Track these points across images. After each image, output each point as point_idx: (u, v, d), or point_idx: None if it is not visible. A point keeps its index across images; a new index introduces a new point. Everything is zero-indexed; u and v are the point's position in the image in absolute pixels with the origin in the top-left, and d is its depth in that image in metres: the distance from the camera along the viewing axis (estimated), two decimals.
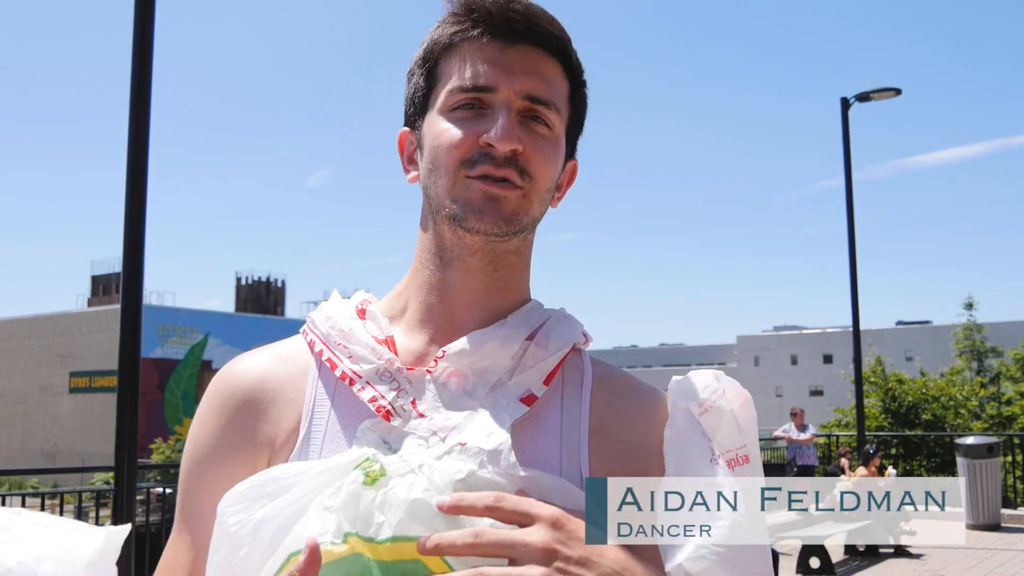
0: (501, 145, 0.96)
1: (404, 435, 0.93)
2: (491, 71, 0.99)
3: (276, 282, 48.28)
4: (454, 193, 0.98)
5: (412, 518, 0.83)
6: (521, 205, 0.99)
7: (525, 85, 0.99)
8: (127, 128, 5.41)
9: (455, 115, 0.99)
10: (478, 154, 0.97)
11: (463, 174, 0.98)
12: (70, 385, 37.51)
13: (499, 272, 1.02)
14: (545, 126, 1.00)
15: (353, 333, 1.01)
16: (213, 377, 1.07)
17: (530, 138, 0.99)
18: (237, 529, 0.87)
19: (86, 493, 10.36)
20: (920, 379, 19.67)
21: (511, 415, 0.94)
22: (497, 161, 0.97)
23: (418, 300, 1.04)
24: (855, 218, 13.10)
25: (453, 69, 1.01)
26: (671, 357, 78.23)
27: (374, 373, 0.97)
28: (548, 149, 1.01)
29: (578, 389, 1.02)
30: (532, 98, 0.99)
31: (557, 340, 1.01)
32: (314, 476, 0.88)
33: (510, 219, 0.98)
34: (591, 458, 0.96)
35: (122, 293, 5.51)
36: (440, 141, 0.99)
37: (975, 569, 9.34)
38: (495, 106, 0.98)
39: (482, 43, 1.00)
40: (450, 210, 0.99)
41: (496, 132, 0.96)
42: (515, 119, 0.98)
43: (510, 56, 0.99)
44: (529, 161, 0.98)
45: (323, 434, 0.97)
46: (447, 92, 1.00)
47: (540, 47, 1.01)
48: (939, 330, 55.01)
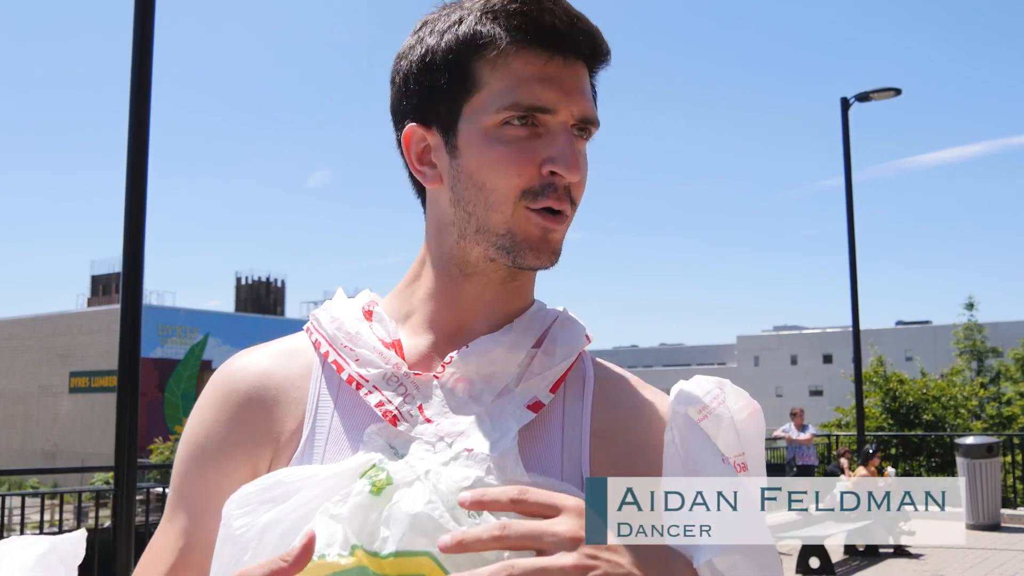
0: (570, 175, 0.94)
1: (410, 440, 0.93)
2: (550, 91, 0.94)
3: (276, 282, 48.28)
4: (512, 224, 0.95)
5: (415, 532, 0.83)
6: (563, 234, 0.98)
7: (582, 107, 0.96)
8: (127, 128, 5.41)
9: (506, 132, 0.94)
10: (541, 185, 0.94)
11: (523, 204, 0.95)
12: (70, 385, 37.52)
13: (516, 281, 1.02)
14: (585, 144, 0.99)
15: (360, 336, 1.00)
16: (216, 369, 1.06)
17: (580, 161, 0.96)
18: (243, 532, 0.87)
19: (86, 493, 10.36)
20: (920, 379, 19.67)
21: (518, 421, 0.94)
22: (559, 193, 0.95)
23: (426, 306, 1.03)
24: (855, 218, 13.10)
25: (498, 79, 0.95)
26: (671, 357, 78.19)
27: (381, 378, 0.96)
28: (587, 170, 0.99)
29: (580, 392, 1.01)
30: (586, 120, 0.97)
31: (564, 348, 1.01)
32: (320, 481, 0.87)
33: (557, 252, 0.98)
34: (592, 461, 0.96)
35: (122, 293, 5.51)
36: (499, 166, 0.94)
37: (975, 569, 9.34)
38: (551, 128, 0.95)
39: (542, 58, 0.94)
40: (502, 241, 0.96)
41: (564, 163, 0.93)
42: (574, 143, 0.96)
43: (567, 74, 0.95)
44: (577, 188, 0.97)
45: (326, 436, 0.96)
46: (497, 106, 0.94)
47: (583, 60, 0.98)
48: (939, 330, 55.03)
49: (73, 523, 10.29)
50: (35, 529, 9.28)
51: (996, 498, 11.85)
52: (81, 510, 9.89)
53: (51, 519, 9.66)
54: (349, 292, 1.11)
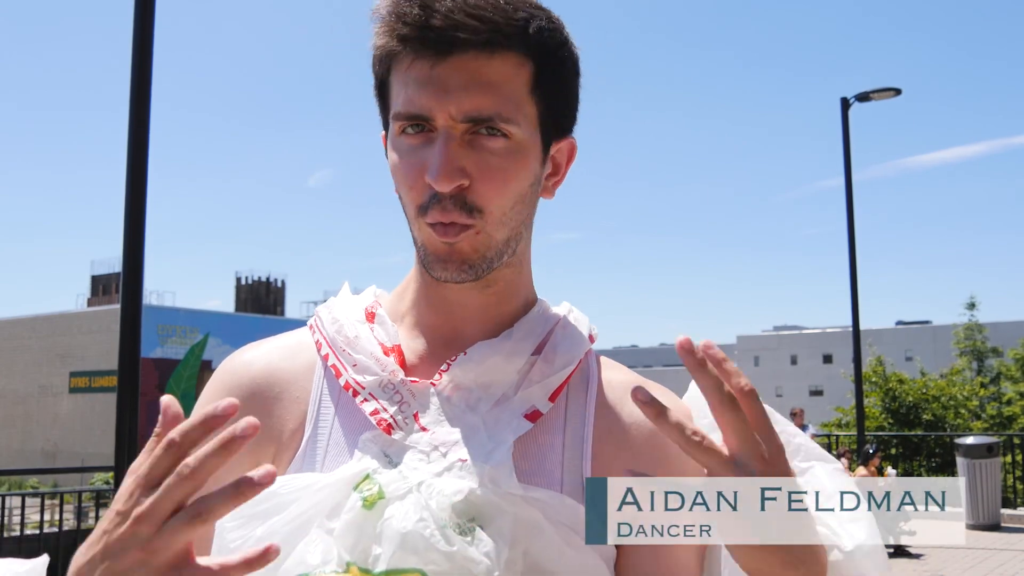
0: (439, 186, 0.88)
1: (405, 449, 0.92)
2: (423, 94, 0.89)
3: (276, 282, 48.24)
4: (419, 237, 0.95)
5: (406, 550, 0.82)
6: (478, 243, 0.92)
7: (463, 106, 0.88)
8: (127, 128, 5.40)
9: (404, 142, 0.92)
10: (428, 197, 0.90)
11: (421, 220, 0.93)
12: (70, 385, 37.48)
13: (492, 288, 0.99)
14: (502, 137, 0.90)
15: (359, 340, 0.99)
16: (220, 364, 1.05)
17: (479, 161, 0.89)
18: (238, 545, 0.87)
19: (86, 493, 10.35)
20: (920, 379, 19.66)
21: (514, 432, 0.92)
22: (443, 204, 0.89)
23: (417, 309, 1.02)
24: (855, 218, 13.10)
25: (395, 85, 0.93)
26: (671, 357, 78.10)
27: (377, 385, 0.95)
28: (504, 165, 0.91)
29: (583, 396, 1.00)
30: (473, 119, 0.89)
31: (564, 355, 0.99)
32: (314, 493, 0.87)
33: (471, 264, 0.93)
34: (595, 466, 0.95)
35: (122, 293, 5.51)
36: (397, 176, 0.94)
37: (975, 569, 9.34)
38: (437, 131, 0.90)
39: (411, 61, 0.90)
40: (420, 254, 0.96)
41: (432, 172, 0.88)
42: (456, 147, 0.89)
43: (442, 72, 0.88)
44: (477, 192, 0.90)
45: (327, 440, 0.95)
46: (392, 115, 0.93)
47: (476, 49, 0.88)
48: (939, 330, 54.98)
49: (73, 523, 10.29)
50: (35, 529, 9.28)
51: (996, 498, 11.84)
52: (81, 510, 9.88)
53: (51, 519, 9.66)
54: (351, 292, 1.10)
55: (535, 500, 0.88)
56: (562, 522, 0.88)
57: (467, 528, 0.85)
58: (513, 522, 0.86)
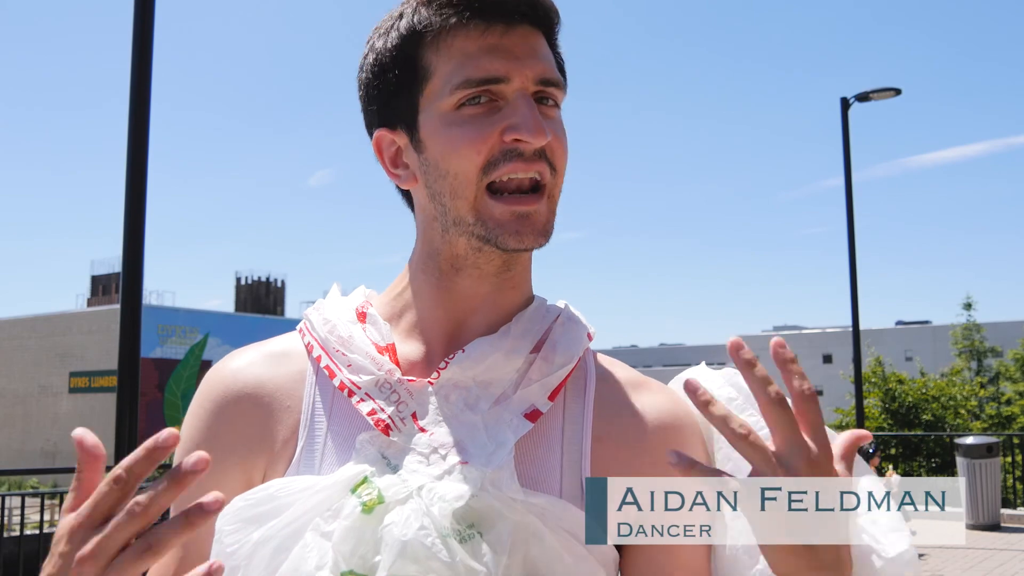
0: (536, 139, 0.89)
1: (404, 451, 0.90)
2: (498, 60, 0.90)
3: (276, 282, 48.25)
4: (478, 211, 0.92)
5: (406, 558, 0.81)
6: (549, 209, 0.94)
7: (536, 69, 0.92)
8: (127, 128, 5.41)
9: (464, 114, 0.91)
10: (502, 153, 0.90)
11: (484, 185, 0.91)
12: (70, 385, 37.48)
13: (511, 271, 0.99)
14: (555, 107, 0.95)
15: (352, 340, 0.98)
16: (206, 374, 1.04)
17: (551, 124, 0.92)
18: (234, 550, 0.86)
19: None
20: (920, 379, 19.67)
21: (515, 432, 0.91)
22: (526, 157, 0.90)
23: (419, 306, 1.00)
24: (855, 218, 13.10)
25: (445, 63, 0.92)
26: (671, 357, 78.17)
27: (373, 385, 0.94)
28: (564, 133, 0.95)
29: (581, 394, 0.99)
30: (545, 81, 0.93)
31: (563, 354, 0.98)
32: (311, 495, 0.86)
33: (545, 230, 0.93)
34: (594, 465, 0.94)
35: (122, 293, 5.51)
36: (458, 147, 0.91)
37: (975, 569, 9.34)
38: (509, 97, 0.91)
39: (480, 29, 0.91)
40: (477, 229, 0.93)
41: (526, 128, 0.89)
42: (536, 107, 0.92)
43: (512, 40, 0.92)
44: (554, 152, 0.93)
45: (322, 445, 0.94)
46: (450, 88, 0.91)
47: (535, 26, 0.94)
48: (939, 330, 55.01)
49: None
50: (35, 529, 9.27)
51: (996, 498, 11.85)
52: None
53: (51, 519, 9.65)
54: (349, 292, 1.10)
55: (535, 506, 0.87)
56: (562, 528, 0.88)
57: (467, 535, 0.84)
58: (513, 528, 0.85)
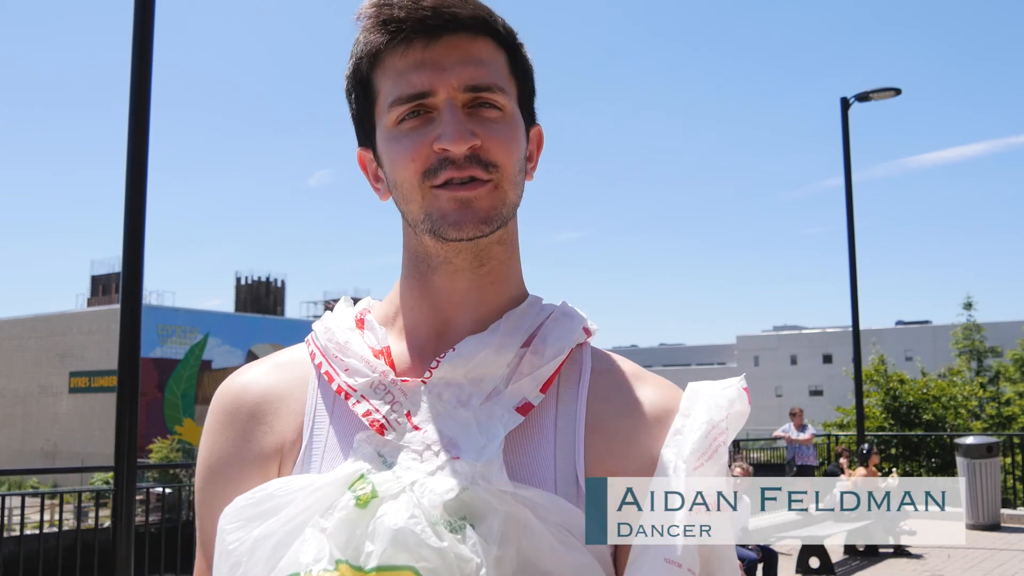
0: (456, 147, 0.93)
1: (399, 448, 0.93)
2: (422, 74, 0.95)
3: (276, 282, 48.26)
4: (426, 207, 0.96)
5: (397, 546, 0.83)
6: (495, 198, 0.96)
7: (461, 77, 0.95)
8: (127, 128, 5.41)
9: (403, 128, 0.96)
10: (438, 162, 0.94)
11: (428, 186, 0.95)
12: (70, 385, 37.49)
13: (486, 266, 1.01)
14: (495, 109, 0.97)
15: (349, 346, 1.01)
16: (217, 389, 1.07)
17: (484, 127, 0.95)
18: (235, 547, 0.88)
19: (86, 493, 10.36)
20: (921, 379, 19.67)
21: (506, 426, 0.93)
22: (458, 163, 0.94)
23: (408, 307, 1.04)
24: (855, 218, 13.12)
25: (386, 82, 0.97)
26: (671, 357, 78.22)
27: (368, 386, 0.97)
28: (505, 131, 0.97)
29: (575, 387, 1.00)
30: (473, 87, 0.96)
31: (553, 346, 0.99)
32: (310, 493, 0.88)
33: (488, 218, 0.96)
34: (587, 457, 0.95)
35: (122, 293, 5.51)
36: (397, 159, 0.97)
37: (975, 569, 9.35)
38: (439, 108, 0.95)
39: (404, 49, 0.96)
40: (427, 225, 0.97)
41: (447, 135, 0.93)
42: (462, 115, 0.95)
43: (436, 52, 0.95)
44: (489, 151, 0.95)
45: (323, 446, 0.97)
46: (387, 107, 0.97)
47: (462, 31, 0.97)
48: (939, 330, 55.05)
49: (73, 523, 10.29)
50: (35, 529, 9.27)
51: (996, 498, 11.85)
52: (81, 510, 9.89)
53: (51, 519, 9.65)
54: (350, 292, 1.11)
55: (525, 499, 0.88)
56: (555, 521, 0.88)
57: (458, 526, 0.85)
58: (504, 520, 0.86)
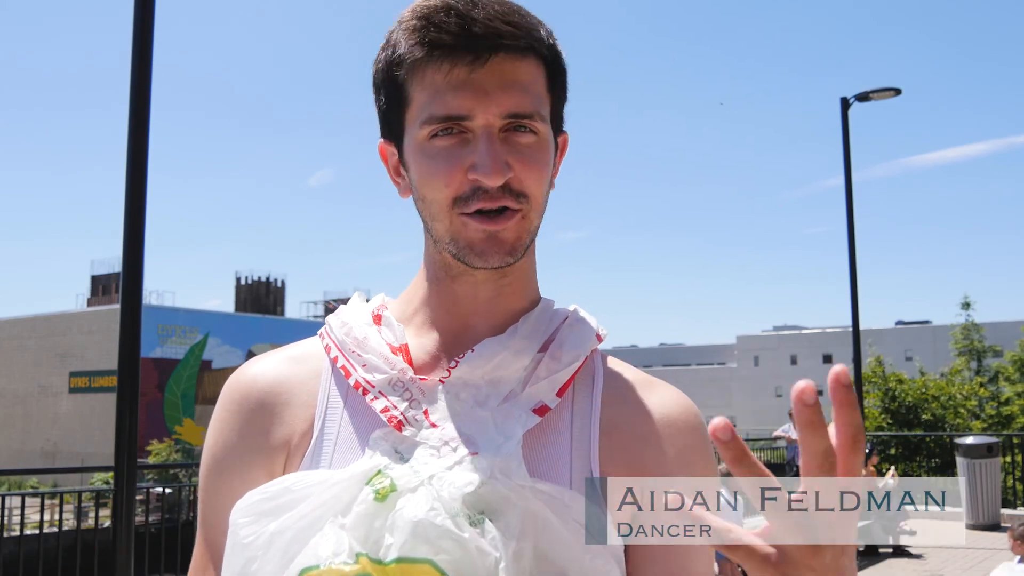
0: (491, 181, 0.92)
1: (416, 445, 0.93)
2: (462, 97, 0.93)
3: (276, 282, 48.25)
4: (453, 233, 0.96)
5: (417, 538, 0.83)
6: (521, 228, 0.97)
7: (503, 105, 0.94)
8: (127, 128, 5.41)
9: (435, 145, 0.95)
10: (470, 190, 0.94)
11: (457, 212, 0.95)
12: (70, 385, 37.48)
13: (507, 278, 1.02)
14: (531, 134, 0.96)
15: (367, 341, 1.01)
16: (227, 379, 1.07)
17: (518, 155, 0.95)
18: (251, 541, 0.88)
19: (86, 493, 10.37)
20: (920, 379, 19.67)
21: (523, 426, 0.94)
22: (491, 195, 0.93)
23: (428, 307, 1.04)
24: (855, 218, 13.11)
25: (422, 93, 0.95)
26: (671, 357, 78.18)
27: (387, 383, 0.97)
28: (539, 157, 0.97)
29: (589, 390, 1.01)
30: (513, 115, 0.94)
31: (570, 352, 1.00)
32: (327, 488, 0.88)
33: (513, 249, 0.96)
34: (602, 456, 0.96)
35: (122, 293, 5.51)
36: (428, 178, 0.96)
37: (975, 569, 9.36)
38: (475, 131, 0.94)
39: (447, 67, 0.93)
40: (451, 249, 0.97)
41: (483, 169, 0.92)
42: (499, 144, 0.94)
43: (480, 76, 0.93)
44: (523, 182, 0.95)
45: (335, 439, 0.97)
46: (420, 121, 0.95)
47: (511, 53, 0.95)
48: (939, 330, 55.02)
49: (73, 523, 10.29)
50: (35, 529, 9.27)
51: (996, 498, 11.86)
52: (81, 510, 9.89)
53: (51, 519, 9.65)
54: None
55: (543, 494, 0.89)
56: (572, 518, 0.89)
57: (477, 519, 0.86)
58: (522, 515, 0.87)
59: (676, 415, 1.01)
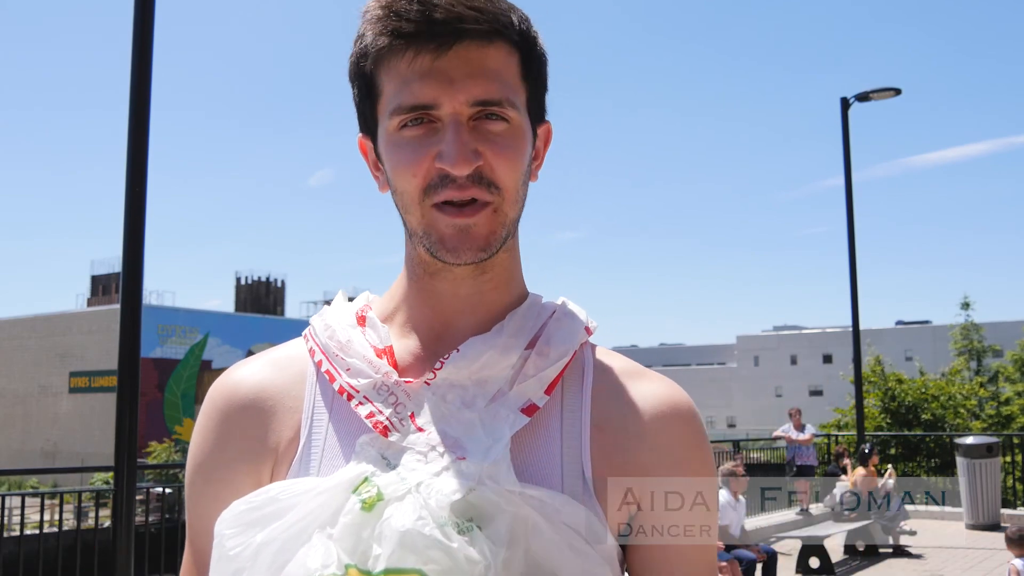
0: (457, 169, 0.90)
1: (403, 450, 0.91)
2: (428, 86, 0.91)
3: (276, 282, 48.24)
4: (425, 225, 0.94)
5: (405, 548, 0.81)
6: (495, 222, 0.94)
7: (470, 93, 0.91)
8: (127, 128, 5.41)
9: (404, 135, 0.93)
10: (439, 178, 0.91)
11: (428, 204, 0.93)
12: (70, 385, 37.49)
13: (488, 274, 0.99)
14: (502, 121, 0.93)
15: (351, 345, 0.99)
16: (211, 385, 1.05)
17: (489, 143, 0.92)
18: (237, 552, 0.86)
19: (86, 493, 10.36)
20: (920, 379, 19.67)
21: (511, 427, 0.92)
22: (459, 183, 0.91)
23: (408, 305, 1.02)
24: (855, 218, 13.12)
25: (389, 84, 0.94)
26: (671, 357, 78.19)
27: (371, 388, 0.95)
28: (511, 145, 0.94)
29: (579, 385, 0.99)
30: (481, 103, 0.92)
31: (558, 348, 0.98)
32: (313, 497, 0.87)
33: (487, 244, 0.94)
34: (593, 454, 0.94)
35: (122, 293, 5.51)
36: (398, 168, 0.94)
37: (975, 569, 9.35)
38: (444, 120, 0.92)
39: (411, 56, 0.91)
40: (424, 243, 0.95)
41: (449, 158, 0.90)
42: (467, 132, 0.91)
43: (445, 63, 0.91)
44: (493, 170, 0.92)
45: (322, 446, 0.95)
46: (390, 112, 0.94)
47: (476, 39, 0.92)
48: (938, 330, 55.03)
49: (73, 523, 10.29)
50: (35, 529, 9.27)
51: (996, 498, 11.83)
52: (81, 510, 9.88)
53: (51, 519, 9.65)
54: (349, 292, 1.11)
55: (533, 499, 0.87)
56: (563, 522, 0.88)
57: (466, 527, 0.84)
58: (512, 521, 0.86)
59: (668, 408, 0.98)
